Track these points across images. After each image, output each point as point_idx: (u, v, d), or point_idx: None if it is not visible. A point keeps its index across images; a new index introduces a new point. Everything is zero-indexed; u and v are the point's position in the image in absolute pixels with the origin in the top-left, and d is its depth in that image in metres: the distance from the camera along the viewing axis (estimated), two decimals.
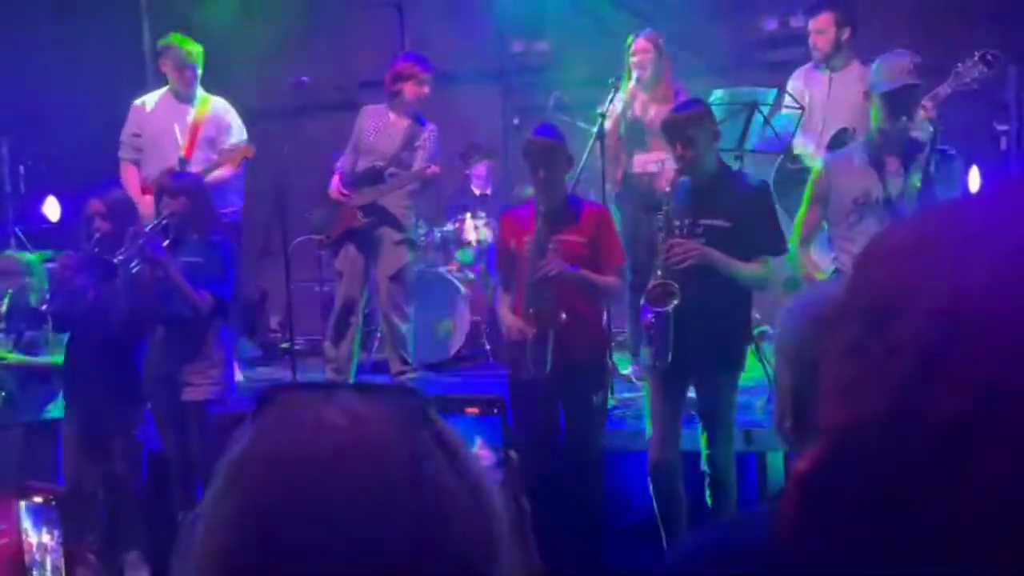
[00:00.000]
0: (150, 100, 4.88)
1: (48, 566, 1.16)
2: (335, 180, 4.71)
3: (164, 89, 4.88)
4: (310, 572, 0.60)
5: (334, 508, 0.60)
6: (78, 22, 5.65)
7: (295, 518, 0.60)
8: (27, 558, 1.17)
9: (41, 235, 5.14)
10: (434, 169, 4.57)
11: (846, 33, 4.37)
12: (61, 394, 4.02)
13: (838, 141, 4.11)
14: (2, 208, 5.43)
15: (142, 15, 6.21)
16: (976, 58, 3.82)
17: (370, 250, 4.67)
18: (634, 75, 4.50)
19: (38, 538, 1.17)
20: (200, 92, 4.84)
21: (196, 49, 4.79)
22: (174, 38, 4.78)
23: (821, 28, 4.41)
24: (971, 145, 4.36)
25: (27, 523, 1.17)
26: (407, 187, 4.67)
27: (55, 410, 4.05)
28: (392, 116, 4.69)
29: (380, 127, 4.69)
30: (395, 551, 0.61)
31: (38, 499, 1.15)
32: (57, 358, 3.97)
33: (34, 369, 3.98)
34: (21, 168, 5.47)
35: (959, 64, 3.84)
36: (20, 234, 5.23)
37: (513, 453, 1.18)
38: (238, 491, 0.63)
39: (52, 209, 5.36)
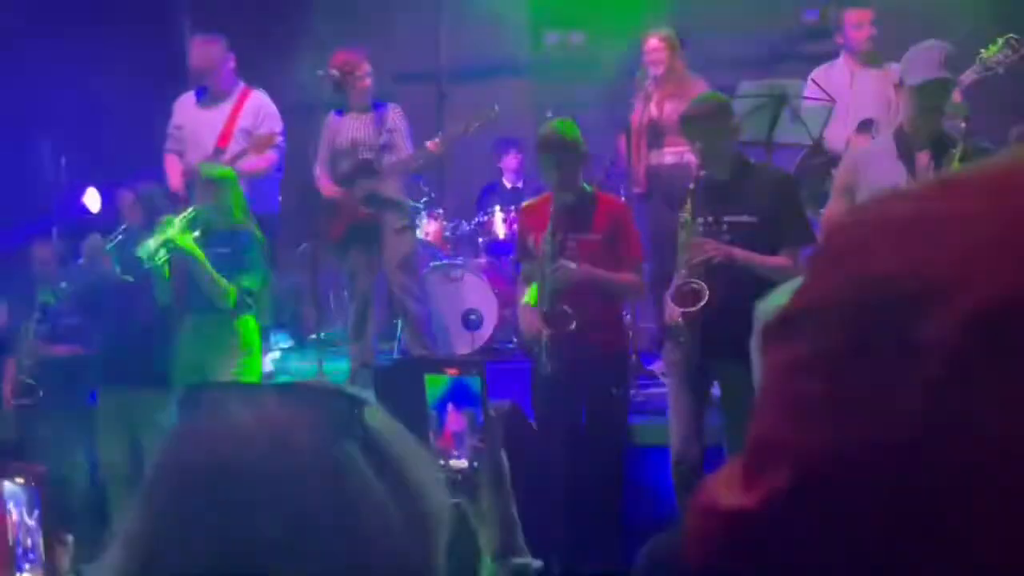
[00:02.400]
0: (193, 94, 4.99)
1: (30, 546, 1.18)
2: (327, 183, 4.78)
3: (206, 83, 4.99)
4: None
5: (245, 524, 0.59)
6: (118, 15, 5.76)
7: (205, 534, 0.59)
8: (10, 538, 1.20)
9: (82, 226, 5.25)
10: (435, 143, 4.65)
11: (874, 30, 4.35)
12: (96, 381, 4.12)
13: (865, 132, 4.07)
14: (44, 199, 5.57)
15: (181, 10, 6.32)
16: (1000, 43, 3.73)
17: (375, 242, 4.73)
18: (649, 73, 4.51)
19: (20, 518, 1.19)
20: (239, 84, 4.92)
21: (216, 50, 4.86)
22: (193, 44, 4.89)
23: (859, 22, 4.35)
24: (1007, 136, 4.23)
25: (10, 503, 1.19)
26: (410, 168, 4.77)
27: (91, 397, 4.15)
28: (354, 114, 4.80)
29: (348, 128, 4.78)
30: (311, 568, 0.59)
31: (20, 480, 1.17)
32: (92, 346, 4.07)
33: (70, 357, 4.08)
34: (63, 159, 5.60)
35: (982, 50, 3.76)
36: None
37: (492, 411, 1.18)
38: (151, 503, 0.62)
39: (93, 200, 5.48)
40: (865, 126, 4.06)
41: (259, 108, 4.88)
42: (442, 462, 1.37)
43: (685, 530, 0.54)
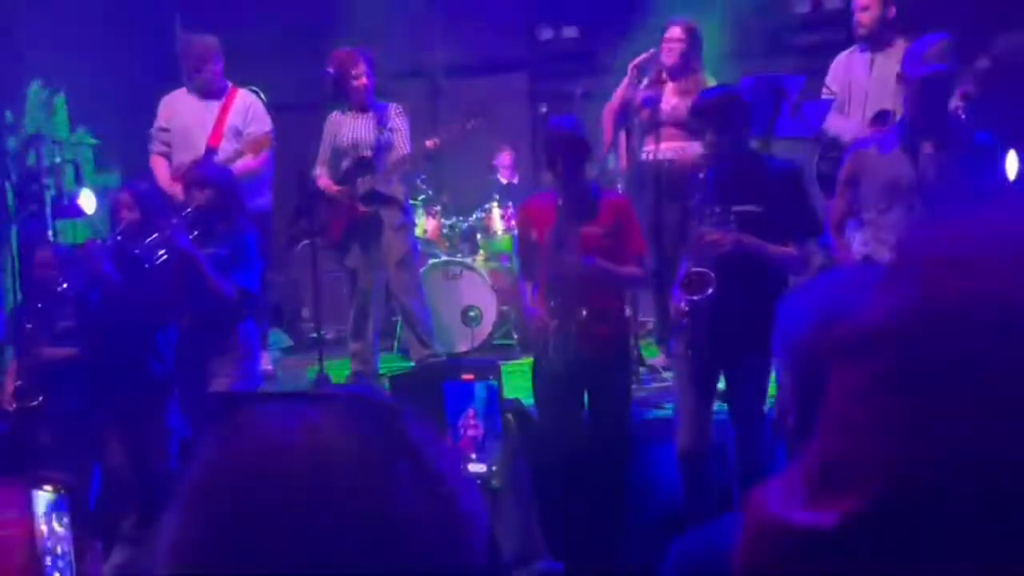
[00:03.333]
0: (178, 94, 4.95)
1: (60, 553, 1.17)
2: (327, 182, 4.77)
3: (191, 84, 4.95)
4: None
5: (289, 534, 0.59)
6: (111, 17, 5.72)
7: (250, 544, 0.59)
8: (40, 546, 1.19)
9: (77, 228, 5.23)
10: (434, 141, 4.63)
11: (891, 11, 4.28)
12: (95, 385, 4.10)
13: (882, 122, 4.04)
14: (39, 201, 5.52)
15: (175, 9, 6.28)
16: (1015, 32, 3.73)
17: (374, 240, 4.73)
18: (663, 62, 4.46)
19: (49, 527, 1.19)
20: (227, 84, 4.89)
21: (210, 45, 4.82)
22: (188, 38, 4.85)
23: (865, 5, 4.32)
24: (1014, 128, 4.24)
25: (40, 512, 1.19)
26: (407, 167, 4.74)
27: (91, 401, 4.12)
28: (353, 113, 4.78)
29: (349, 127, 4.77)
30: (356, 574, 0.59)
31: (49, 489, 1.16)
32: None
33: (70, 360, 4.05)
34: (58, 159, 5.56)
35: (998, 38, 3.76)
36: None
37: (510, 416, 1.17)
38: (193, 513, 0.62)
39: (87, 202, 5.44)
40: (882, 118, 4.02)
41: (248, 107, 4.86)
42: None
43: (742, 543, 0.53)
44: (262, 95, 5.01)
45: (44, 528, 1.17)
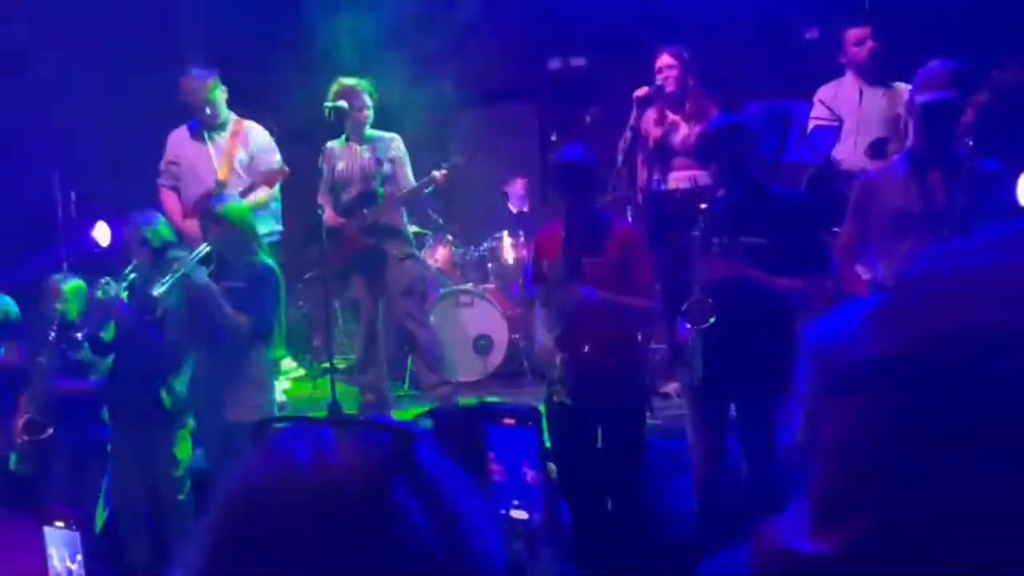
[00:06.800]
0: (186, 128, 4.98)
1: None
2: (329, 214, 4.77)
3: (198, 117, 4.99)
4: None
5: (298, 557, 0.61)
6: (125, 51, 5.80)
7: (260, 564, 0.61)
8: None
9: (92, 260, 5.27)
10: (443, 174, 4.65)
11: (877, 44, 4.35)
12: (107, 416, 4.11)
13: (878, 151, 4.05)
14: (53, 233, 5.57)
15: (189, 45, 6.36)
16: (1014, 65, 3.74)
17: (377, 271, 4.74)
18: (663, 91, 4.50)
19: (63, 563, 1.19)
20: (232, 116, 4.92)
21: (210, 84, 4.83)
22: (183, 81, 4.88)
23: (860, 39, 4.36)
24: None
25: (51, 548, 1.19)
26: (414, 198, 4.74)
27: (103, 432, 4.13)
28: (352, 145, 4.78)
29: (346, 159, 4.78)
30: None
31: (60, 524, 1.17)
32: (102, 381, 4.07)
33: (82, 393, 4.07)
34: (72, 194, 5.62)
35: (994, 71, 3.77)
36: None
37: (552, 466, 1.17)
38: (215, 539, 0.64)
39: (102, 234, 5.48)
40: (878, 147, 4.05)
41: (256, 140, 4.89)
42: (503, 511, 1.35)
43: (755, 573, 0.53)
44: (275, 129, 5.05)
45: (57, 565, 1.17)
